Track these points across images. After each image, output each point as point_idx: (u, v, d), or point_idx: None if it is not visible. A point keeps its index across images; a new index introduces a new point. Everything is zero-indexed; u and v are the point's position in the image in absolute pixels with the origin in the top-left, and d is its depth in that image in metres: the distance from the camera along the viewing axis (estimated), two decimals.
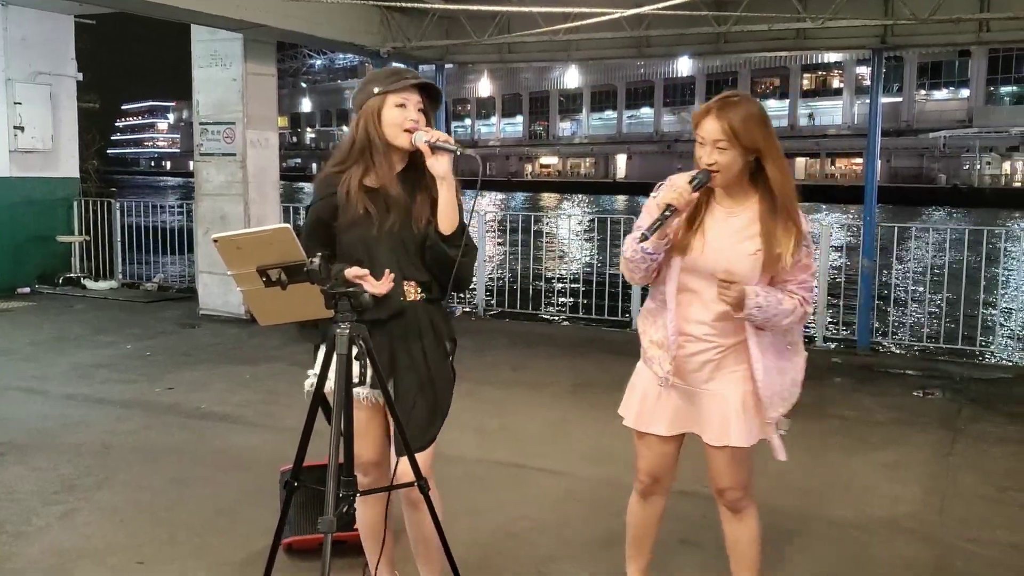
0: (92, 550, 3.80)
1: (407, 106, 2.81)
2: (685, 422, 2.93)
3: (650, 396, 2.94)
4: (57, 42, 11.22)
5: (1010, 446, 5.49)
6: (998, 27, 8.26)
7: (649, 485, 3.07)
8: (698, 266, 2.77)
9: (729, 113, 2.68)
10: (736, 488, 2.96)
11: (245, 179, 9.32)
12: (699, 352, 2.84)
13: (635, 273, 2.85)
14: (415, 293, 2.88)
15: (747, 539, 3.03)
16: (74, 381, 6.75)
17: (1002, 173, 57.12)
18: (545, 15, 9.11)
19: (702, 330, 2.83)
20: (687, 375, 2.87)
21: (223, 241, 2.52)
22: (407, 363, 2.86)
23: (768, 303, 2.70)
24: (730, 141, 2.67)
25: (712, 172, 2.71)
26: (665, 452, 3.00)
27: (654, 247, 2.75)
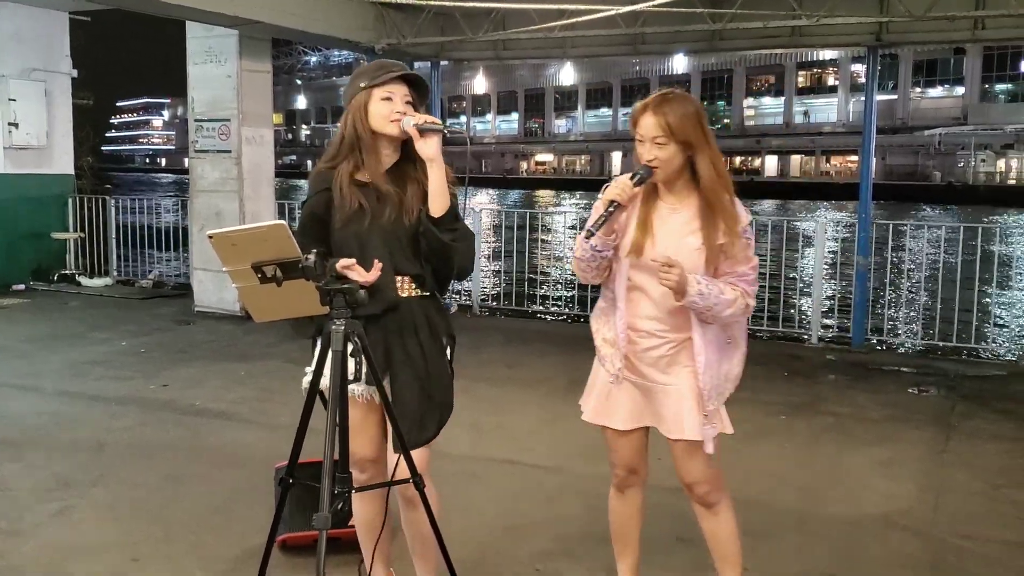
0: (87, 547, 3.80)
1: (393, 99, 2.82)
2: (642, 416, 2.98)
3: (606, 392, 3.01)
4: (52, 38, 11.20)
5: (1004, 443, 5.51)
6: (993, 24, 8.28)
7: (624, 477, 3.11)
8: (646, 263, 2.82)
9: (665, 109, 2.75)
10: (703, 482, 2.98)
11: (240, 176, 9.31)
12: (653, 347, 2.89)
13: (587, 272, 2.91)
14: (409, 288, 2.87)
15: (724, 533, 3.05)
16: (69, 378, 6.74)
17: (997, 171, 57.24)
18: (540, 12, 9.10)
19: (654, 325, 2.88)
20: (642, 370, 2.92)
21: (218, 237, 2.52)
22: (402, 359, 2.85)
23: (710, 291, 2.74)
24: (667, 136, 2.74)
25: (653, 168, 2.77)
26: (630, 445, 3.05)
27: (602, 244, 2.82)
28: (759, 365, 7.30)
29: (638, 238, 2.83)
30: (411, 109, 2.84)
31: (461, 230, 2.83)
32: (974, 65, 57.91)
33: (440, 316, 2.95)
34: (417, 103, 2.88)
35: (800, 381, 7.01)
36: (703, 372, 2.85)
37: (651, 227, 2.84)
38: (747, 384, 2.98)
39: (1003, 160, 57.30)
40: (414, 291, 2.88)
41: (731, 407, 3.00)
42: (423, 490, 2.83)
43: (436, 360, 2.90)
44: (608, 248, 2.84)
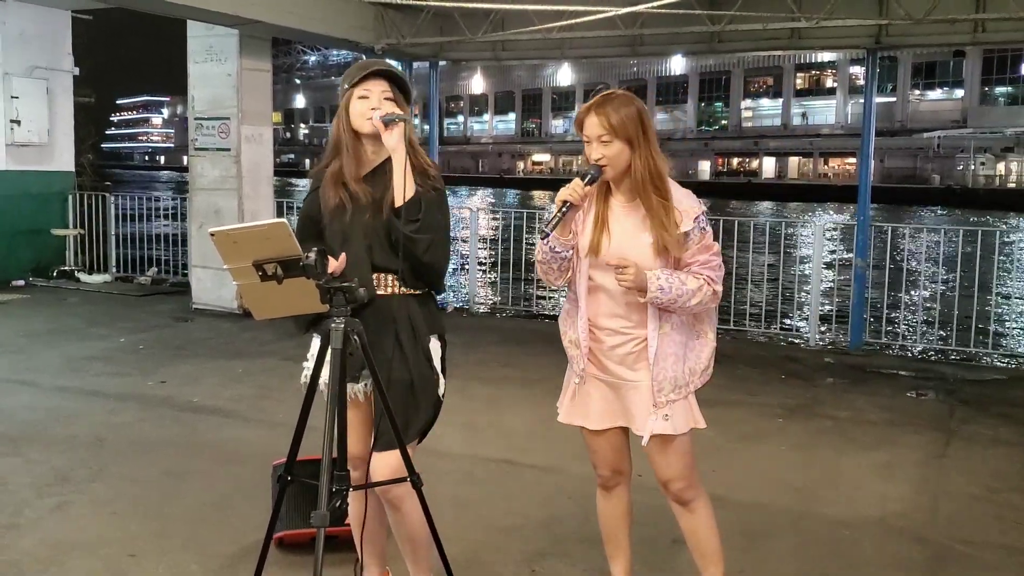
0: (84, 542, 3.80)
1: (370, 96, 2.85)
2: (614, 416, 2.99)
3: (576, 392, 3.04)
4: (54, 37, 11.20)
5: (1002, 448, 5.51)
6: (993, 28, 8.28)
7: (608, 477, 3.12)
8: (604, 262, 2.84)
9: (607, 108, 2.81)
10: (677, 479, 2.98)
11: (239, 174, 9.32)
12: (618, 345, 2.91)
13: (549, 274, 2.94)
14: (393, 285, 2.88)
15: (703, 529, 3.05)
16: (67, 374, 6.74)
17: (996, 174, 57.25)
18: (539, 13, 9.10)
19: (617, 323, 2.90)
20: (610, 368, 2.94)
21: (220, 235, 2.53)
22: (381, 357, 2.83)
23: (671, 283, 2.77)
24: (611, 133, 2.79)
25: (602, 166, 2.81)
26: (608, 445, 3.06)
27: (559, 245, 2.85)
28: (756, 367, 7.31)
29: (595, 238, 2.87)
30: (392, 105, 2.85)
31: (425, 222, 2.78)
32: (974, 68, 57.94)
33: (426, 315, 2.93)
34: (399, 98, 2.89)
35: (797, 384, 7.01)
36: (654, 364, 2.86)
37: (607, 226, 2.88)
38: (744, 386, 3.00)
39: (1003, 163, 57.32)
40: (397, 288, 2.88)
41: (728, 409, 3.01)
42: (420, 488, 2.83)
43: (416, 360, 2.88)
44: (566, 249, 2.87)
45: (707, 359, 2.97)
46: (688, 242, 2.83)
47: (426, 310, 2.94)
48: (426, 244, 2.79)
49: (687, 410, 2.93)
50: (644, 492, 3.42)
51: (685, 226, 2.82)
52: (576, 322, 2.96)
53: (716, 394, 5.98)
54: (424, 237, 2.79)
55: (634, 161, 2.82)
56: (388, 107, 2.84)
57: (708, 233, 2.89)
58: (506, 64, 13.82)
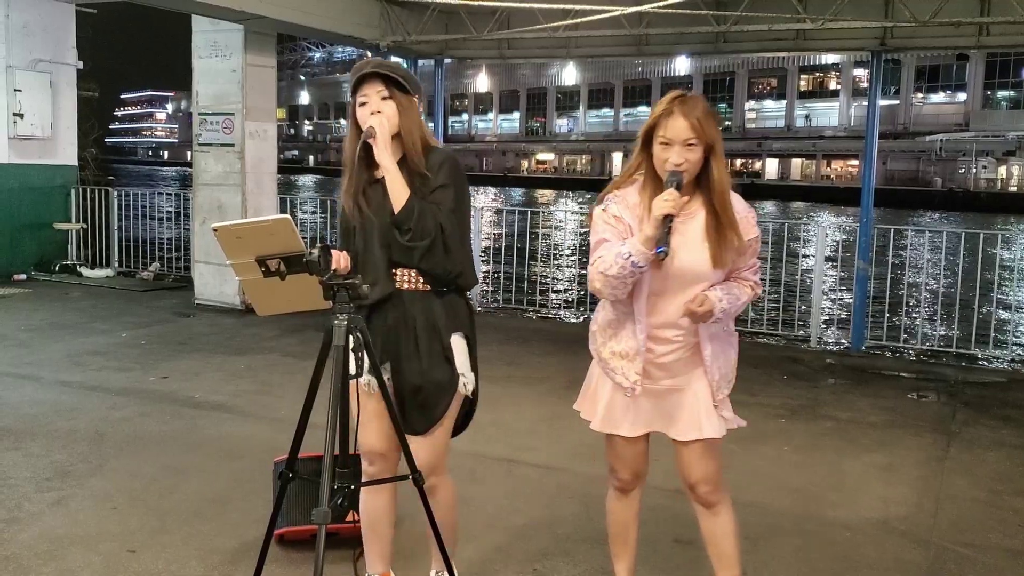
0: (84, 537, 3.80)
1: (368, 101, 2.83)
2: (650, 421, 2.97)
3: (616, 401, 2.96)
4: (58, 30, 11.19)
5: (1004, 450, 5.50)
6: (998, 31, 8.27)
7: (628, 481, 3.10)
8: (667, 272, 2.78)
9: (693, 110, 2.71)
10: (707, 482, 2.97)
11: (243, 170, 9.32)
12: (667, 353, 2.88)
13: (618, 288, 2.78)
14: (412, 280, 2.88)
15: (723, 533, 3.03)
16: (69, 368, 6.74)
17: (998, 177, 57.23)
18: (545, 11, 9.09)
19: (671, 332, 2.86)
20: (653, 376, 2.90)
21: (223, 230, 2.52)
22: (404, 351, 2.89)
23: (730, 303, 2.80)
24: (698, 137, 2.70)
25: (682, 172, 2.71)
26: (634, 451, 3.04)
27: (644, 260, 2.71)
28: (758, 368, 7.31)
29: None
30: (390, 105, 2.82)
31: (417, 230, 2.76)
32: (976, 71, 57.94)
33: (449, 312, 2.92)
34: (397, 93, 2.83)
35: (799, 385, 7.00)
36: (710, 363, 2.86)
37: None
38: (746, 387, 3.00)
39: (1004, 167, 57.31)
40: (417, 284, 2.88)
41: None
42: (422, 487, 2.86)
43: (433, 356, 2.89)
44: (647, 262, 2.73)
45: (737, 351, 3.01)
46: (749, 250, 2.84)
47: (449, 307, 2.92)
48: (420, 252, 2.79)
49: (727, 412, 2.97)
50: (644, 492, 3.40)
51: (752, 233, 2.82)
52: (627, 333, 2.87)
53: None
54: (418, 245, 2.78)
55: (715, 167, 2.74)
56: (387, 108, 2.81)
57: (759, 239, 2.92)
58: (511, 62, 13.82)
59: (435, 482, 3.00)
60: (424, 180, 2.83)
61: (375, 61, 2.90)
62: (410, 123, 2.84)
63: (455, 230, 2.83)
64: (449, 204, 2.83)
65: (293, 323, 8.11)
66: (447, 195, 2.83)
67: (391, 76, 2.83)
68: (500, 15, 9.59)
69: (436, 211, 2.79)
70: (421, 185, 2.82)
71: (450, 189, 2.84)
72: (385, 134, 2.79)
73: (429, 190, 2.82)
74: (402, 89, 2.84)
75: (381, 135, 2.78)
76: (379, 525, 3.08)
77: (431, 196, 2.81)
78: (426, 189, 2.82)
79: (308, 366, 2.81)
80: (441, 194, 2.83)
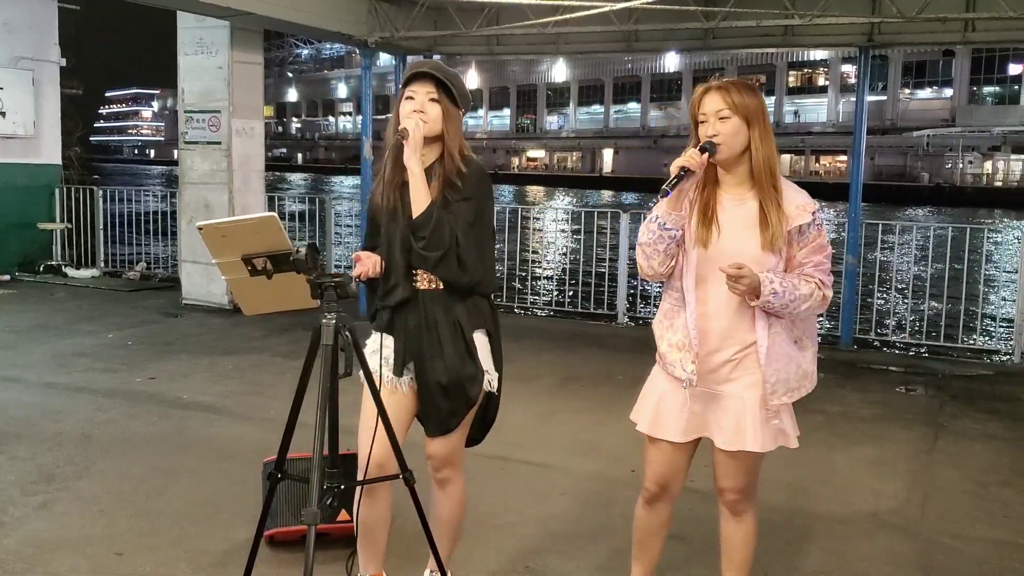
0: (70, 540, 3.76)
1: (415, 97, 2.87)
2: (699, 427, 2.84)
3: (667, 401, 2.85)
4: (40, 27, 11.11)
5: (991, 442, 5.53)
6: (983, 27, 8.29)
7: (656, 492, 2.98)
8: (715, 256, 2.70)
9: (728, 86, 2.73)
10: (736, 491, 2.90)
11: (230, 168, 9.26)
12: (718, 350, 2.76)
13: (652, 258, 2.75)
14: (431, 281, 2.89)
15: (741, 540, 2.98)
16: (54, 370, 6.68)
17: (984, 172, 57.55)
18: (534, 7, 9.07)
19: (722, 325, 2.74)
20: (705, 376, 2.77)
21: (208, 229, 2.50)
22: (428, 351, 2.91)
23: (784, 288, 2.63)
24: (731, 108, 2.69)
25: (716, 144, 2.69)
26: (677, 459, 2.90)
27: (671, 221, 2.69)
28: None
29: (701, 230, 2.73)
30: (436, 107, 2.85)
31: (432, 240, 2.79)
32: (962, 67, 58.20)
33: (471, 310, 2.93)
34: (445, 100, 2.87)
35: None
36: (765, 361, 2.71)
37: (715, 217, 2.73)
38: None
39: (990, 162, 57.64)
40: (437, 284, 2.89)
41: None
42: (412, 485, 2.86)
43: (452, 358, 2.90)
44: (677, 227, 2.71)
45: (812, 363, 2.83)
46: (803, 239, 2.70)
47: (472, 306, 2.94)
48: (434, 260, 2.82)
49: (779, 427, 2.82)
50: (638, 488, 3.39)
51: (802, 219, 2.69)
52: (681, 323, 2.78)
53: None
54: (431, 255, 2.81)
55: (753, 142, 2.71)
56: (432, 110, 2.85)
57: (824, 233, 2.75)
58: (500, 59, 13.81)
59: (449, 475, 3.05)
60: (453, 189, 2.84)
61: (434, 64, 2.93)
62: (453, 131, 2.88)
63: (471, 244, 2.84)
64: (469, 217, 2.85)
65: (282, 323, 8.07)
66: (469, 208, 2.85)
67: (444, 82, 2.87)
68: (489, 11, 9.56)
69: (454, 222, 2.81)
70: (448, 193, 2.84)
71: (473, 202, 2.86)
72: (418, 137, 2.81)
73: (456, 199, 2.85)
74: (450, 97, 2.88)
75: (413, 138, 2.80)
76: (376, 531, 3.07)
77: (453, 207, 2.84)
78: (453, 198, 2.84)
79: (297, 366, 2.79)
80: (464, 206, 2.85)
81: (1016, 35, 8.90)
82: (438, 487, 3.10)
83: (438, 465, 3.04)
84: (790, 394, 2.80)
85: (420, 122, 2.82)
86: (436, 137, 2.88)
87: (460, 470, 3.10)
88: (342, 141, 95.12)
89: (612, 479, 4.66)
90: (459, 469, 3.09)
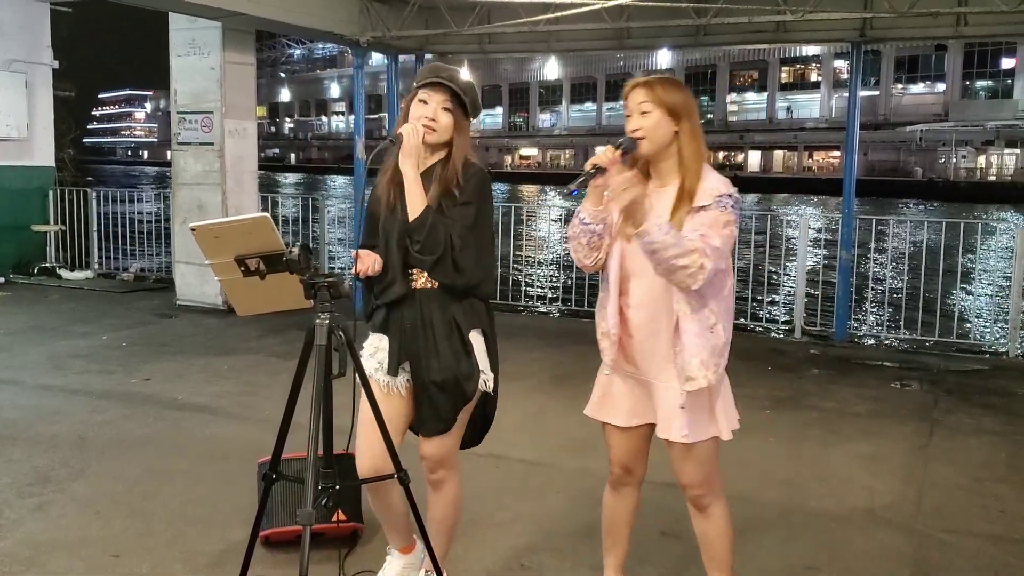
0: (67, 542, 3.76)
1: (428, 103, 2.88)
2: (644, 413, 2.92)
3: (607, 386, 2.97)
4: (33, 29, 11.07)
5: (986, 437, 5.54)
6: (975, 21, 8.32)
7: (620, 475, 3.07)
8: (637, 249, 2.72)
9: (653, 82, 2.79)
10: (696, 485, 2.93)
11: (223, 168, 9.25)
12: (646, 340, 2.83)
13: (578, 251, 2.86)
14: (427, 280, 2.92)
15: (714, 534, 3.01)
16: (49, 372, 6.67)
17: (977, 167, 57.71)
18: (525, 6, 9.08)
19: (646, 316, 2.81)
20: (641, 364, 2.86)
21: (201, 230, 2.50)
22: (424, 350, 2.93)
23: (670, 231, 2.61)
24: (654, 103, 2.74)
25: (637, 138, 2.75)
26: (629, 443, 3.00)
27: (590, 216, 2.78)
28: (742, 360, 7.31)
29: (624, 225, 2.76)
30: (448, 116, 2.88)
31: (427, 244, 2.82)
32: (955, 62, 58.29)
33: (466, 309, 2.95)
34: (458, 111, 2.90)
35: (784, 376, 7.02)
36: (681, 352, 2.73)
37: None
38: (730, 378, 2.96)
39: (983, 156, 57.77)
40: (433, 284, 2.91)
41: None
42: (407, 485, 2.87)
43: (447, 357, 2.92)
44: (596, 222, 2.78)
45: (725, 348, 2.83)
46: (701, 214, 2.69)
47: (468, 306, 2.96)
48: (429, 264, 2.86)
49: (710, 417, 2.84)
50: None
51: (703, 200, 2.70)
52: (605, 312, 2.87)
53: None
54: (427, 258, 2.85)
55: (681, 137, 2.74)
56: (444, 119, 2.87)
57: (727, 215, 2.70)
58: (492, 57, 13.80)
59: (444, 476, 3.07)
60: (452, 193, 2.88)
61: (451, 73, 2.94)
62: (463, 140, 2.93)
63: (468, 248, 2.87)
64: (467, 222, 2.88)
65: (276, 323, 8.07)
66: (468, 212, 2.88)
67: (458, 94, 2.89)
68: (480, 10, 9.56)
69: (450, 226, 2.84)
70: (448, 197, 2.88)
71: (472, 207, 2.89)
72: (415, 144, 2.85)
73: (454, 204, 2.88)
74: (463, 108, 2.91)
75: (408, 143, 2.84)
76: (391, 510, 3.11)
77: (452, 211, 2.87)
78: (452, 203, 2.88)
79: (292, 366, 2.79)
80: (462, 211, 2.88)
81: (1008, 29, 8.93)
82: (433, 489, 3.11)
83: (433, 466, 3.05)
84: (703, 370, 2.77)
85: (419, 128, 2.85)
86: (445, 144, 2.92)
87: (455, 471, 3.10)
88: (335, 141, 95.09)
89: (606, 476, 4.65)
90: (454, 471, 3.10)
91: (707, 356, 2.77)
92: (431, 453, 3.02)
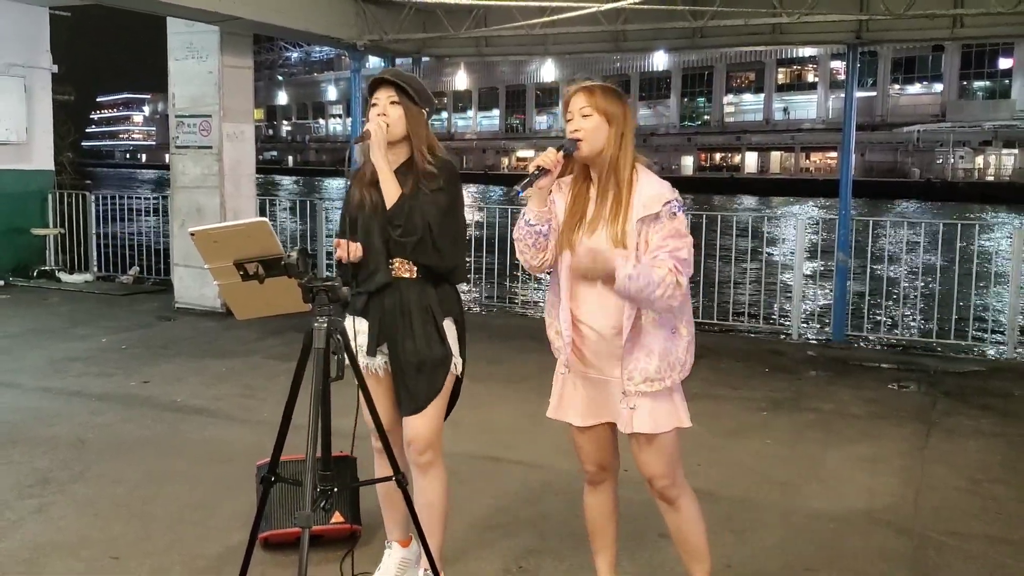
0: (66, 544, 3.77)
1: (378, 103, 3.09)
2: (600, 412, 2.96)
3: (563, 386, 3.02)
4: (32, 34, 11.08)
5: (984, 439, 5.55)
6: (971, 22, 8.33)
7: (594, 473, 3.12)
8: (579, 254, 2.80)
9: (594, 88, 2.86)
10: (660, 477, 2.96)
11: (221, 172, 9.25)
12: (599, 339, 2.87)
13: (525, 252, 2.90)
14: (408, 269, 3.09)
15: (687, 527, 3.04)
16: (49, 374, 6.68)
17: (975, 167, 57.73)
18: (522, 9, 9.10)
19: (598, 317, 2.85)
20: (594, 364, 2.91)
21: (200, 235, 2.51)
22: (401, 333, 3.10)
23: (639, 272, 2.66)
24: (592, 107, 2.81)
25: (577, 140, 2.81)
26: (593, 442, 3.04)
27: (535, 218, 2.84)
28: (740, 361, 7.33)
29: (568, 232, 2.85)
30: (396, 109, 3.07)
31: (407, 227, 3.00)
32: (952, 62, 58.33)
33: (441, 298, 3.14)
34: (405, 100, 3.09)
35: (782, 377, 7.03)
36: (625, 354, 2.80)
37: (584, 217, 2.86)
38: (728, 380, 2.99)
39: (981, 157, 57.79)
40: (412, 272, 3.08)
41: (713, 403, 3.01)
42: (405, 487, 2.93)
43: (423, 340, 3.09)
44: (541, 223, 2.84)
45: (683, 353, 2.88)
46: (658, 226, 2.74)
47: (442, 294, 3.15)
48: (410, 246, 3.03)
49: (670, 408, 2.88)
50: (631, 487, 3.42)
51: (647, 212, 2.74)
52: (557, 313, 2.93)
53: (701, 388, 5.99)
54: (408, 240, 3.02)
55: (608, 139, 2.81)
56: (393, 112, 3.06)
57: (681, 220, 2.78)
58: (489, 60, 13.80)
59: (431, 458, 3.18)
60: (426, 182, 3.06)
61: (391, 70, 3.18)
62: (417, 129, 3.10)
63: (445, 231, 3.06)
64: (442, 207, 3.05)
65: (275, 326, 8.05)
66: (441, 199, 3.06)
67: (402, 85, 3.07)
68: (477, 13, 9.58)
69: (426, 211, 3.01)
70: (422, 186, 3.05)
71: (444, 194, 3.07)
72: (381, 138, 3.03)
73: (429, 191, 3.04)
74: (410, 98, 3.08)
75: (376, 137, 3.02)
76: (393, 497, 3.22)
77: (428, 197, 3.04)
78: (426, 190, 3.05)
79: (290, 369, 2.81)
80: (436, 197, 3.05)
81: (1005, 30, 8.96)
82: (420, 473, 3.20)
83: (421, 447, 3.15)
84: (649, 383, 2.82)
85: (382, 123, 3.04)
86: (404, 137, 3.08)
87: (440, 454, 3.22)
88: (332, 143, 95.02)
89: None
90: (439, 453, 3.22)
91: (673, 359, 2.85)
92: (417, 433, 3.14)
